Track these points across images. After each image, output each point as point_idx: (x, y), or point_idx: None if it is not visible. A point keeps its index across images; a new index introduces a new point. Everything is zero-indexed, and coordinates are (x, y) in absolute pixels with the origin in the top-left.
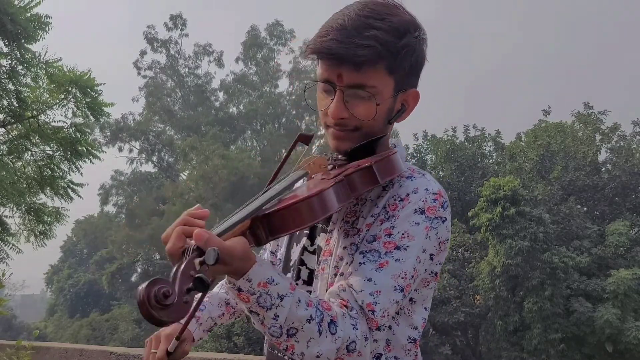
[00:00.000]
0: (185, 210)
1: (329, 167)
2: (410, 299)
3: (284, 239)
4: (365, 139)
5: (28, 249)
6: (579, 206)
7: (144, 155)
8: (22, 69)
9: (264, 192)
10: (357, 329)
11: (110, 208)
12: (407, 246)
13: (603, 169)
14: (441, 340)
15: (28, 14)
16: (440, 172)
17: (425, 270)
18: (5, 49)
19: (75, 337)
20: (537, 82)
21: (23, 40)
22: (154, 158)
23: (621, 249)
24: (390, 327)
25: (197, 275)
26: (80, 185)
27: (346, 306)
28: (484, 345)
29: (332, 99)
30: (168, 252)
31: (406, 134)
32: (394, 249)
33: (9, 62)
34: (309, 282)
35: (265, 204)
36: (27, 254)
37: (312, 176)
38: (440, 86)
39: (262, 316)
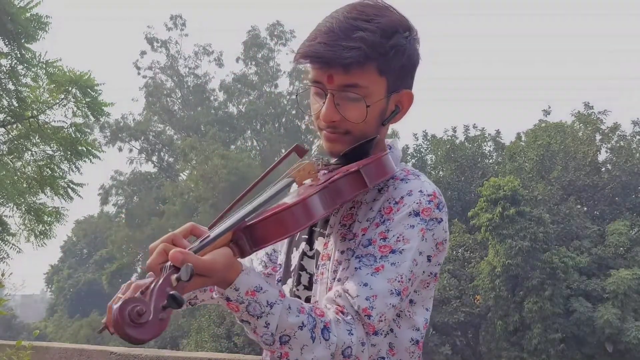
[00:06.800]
0: (185, 211)
1: (322, 172)
2: (411, 301)
3: (284, 245)
4: (357, 141)
5: (28, 249)
6: (579, 206)
7: (143, 155)
8: (22, 69)
9: (249, 203)
10: (352, 334)
11: (110, 208)
12: (403, 249)
13: (603, 169)
14: (441, 340)
15: (28, 14)
16: (440, 172)
17: (424, 272)
18: (5, 49)
19: (75, 337)
20: (538, 81)
21: (23, 40)
22: (154, 158)
23: (621, 249)
24: (392, 330)
25: (171, 293)
26: (80, 185)
27: (342, 312)
28: (484, 345)
29: (324, 103)
30: (148, 266)
31: (406, 134)
32: (390, 252)
33: (9, 62)
34: (310, 287)
35: (248, 215)
36: (27, 254)
37: (303, 182)
38: (441, 86)
39: (254, 325)
